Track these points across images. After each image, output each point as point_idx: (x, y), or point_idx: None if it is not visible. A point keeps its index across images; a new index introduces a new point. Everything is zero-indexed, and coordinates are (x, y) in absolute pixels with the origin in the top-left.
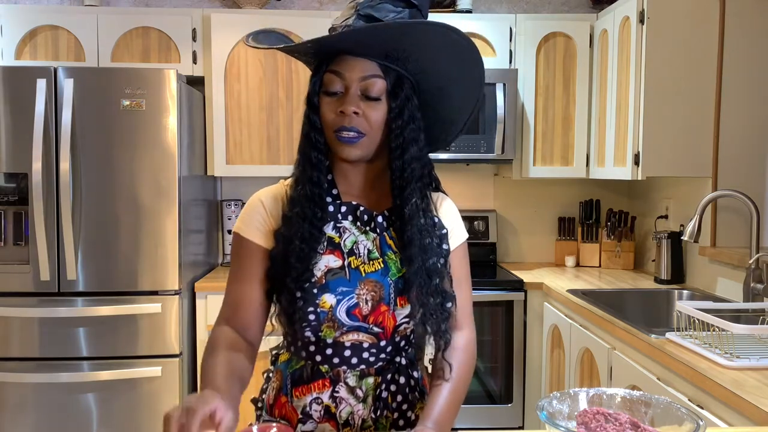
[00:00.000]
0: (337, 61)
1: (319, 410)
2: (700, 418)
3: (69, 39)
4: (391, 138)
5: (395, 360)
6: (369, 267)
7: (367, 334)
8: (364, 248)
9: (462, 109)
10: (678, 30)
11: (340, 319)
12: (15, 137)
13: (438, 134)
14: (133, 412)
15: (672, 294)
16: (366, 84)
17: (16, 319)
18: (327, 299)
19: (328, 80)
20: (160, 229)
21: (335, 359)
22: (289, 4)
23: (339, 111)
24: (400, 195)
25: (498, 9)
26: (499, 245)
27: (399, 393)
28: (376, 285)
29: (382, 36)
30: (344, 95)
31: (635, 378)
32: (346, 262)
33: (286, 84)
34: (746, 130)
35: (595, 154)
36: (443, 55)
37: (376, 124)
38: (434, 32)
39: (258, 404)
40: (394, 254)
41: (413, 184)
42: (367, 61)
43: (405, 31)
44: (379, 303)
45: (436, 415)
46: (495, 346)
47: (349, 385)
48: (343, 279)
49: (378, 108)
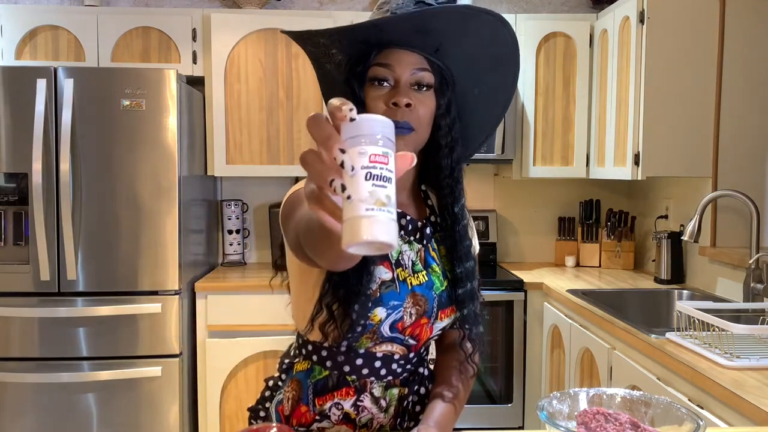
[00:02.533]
0: (384, 54)
1: (338, 414)
2: (700, 418)
3: (69, 39)
4: (440, 135)
5: (419, 371)
6: (415, 280)
7: (400, 346)
8: (408, 259)
9: (486, 119)
10: (678, 30)
11: (382, 332)
12: (15, 137)
13: (463, 144)
14: (133, 412)
15: (672, 294)
16: (417, 77)
17: (16, 319)
18: (378, 313)
19: (375, 73)
20: (160, 229)
21: (364, 370)
22: (289, 4)
23: (392, 102)
24: (450, 194)
25: (498, 9)
26: (499, 245)
27: (419, 403)
28: (422, 299)
29: (443, 23)
30: (394, 88)
31: (635, 378)
32: (395, 274)
33: (286, 84)
34: (746, 130)
35: (595, 154)
36: (486, 55)
37: (425, 119)
38: (490, 24)
39: (259, 413)
40: (437, 267)
41: (461, 183)
42: (416, 55)
43: (468, 19)
44: (421, 316)
45: (438, 415)
46: (495, 346)
47: (375, 395)
48: (395, 292)
49: (428, 102)
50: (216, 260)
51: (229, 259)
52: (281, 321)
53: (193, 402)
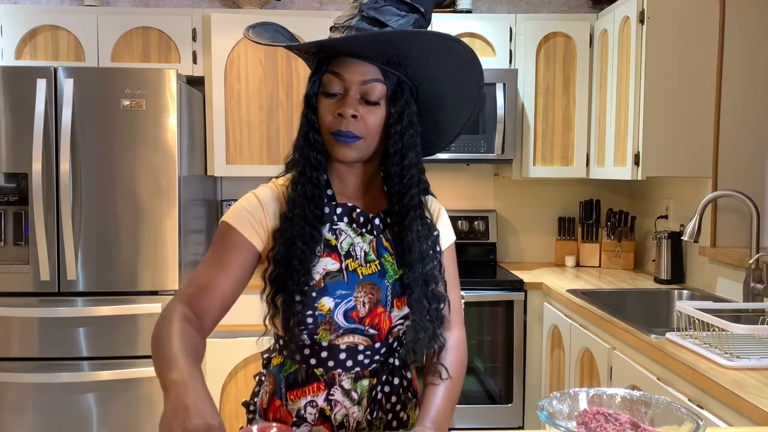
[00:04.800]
0: (338, 62)
1: (313, 413)
2: (700, 418)
3: (69, 39)
4: (390, 144)
5: (389, 361)
6: (366, 269)
7: (362, 336)
8: (360, 250)
9: (458, 115)
10: (678, 30)
11: (337, 322)
12: (15, 137)
13: (433, 139)
14: (133, 412)
15: (672, 294)
16: (366, 88)
17: (16, 319)
18: (326, 302)
19: (327, 81)
20: (160, 229)
21: (330, 362)
22: (289, 4)
23: (337, 113)
24: (399, 201)
25: (498, 9)
26: (499, 245)
27: (393, 394)
28: (374, 287)
29: (384, 42)
30: (343, 97)
31: (635, 378)
32: (344, 264)
33: (286, 84)
34: (746, 130)
35: (595, 154)
36: (443, 63)
37: (373, 128)
38: (435, 41)
39: (250, 407)
40: (390, 256)
41: (412, 190)
42: (368, 65)
43: (407, 39)
44: (376, 305)
45: (433, 414)
46: (495, 346)
47: (344, 387)
48: (342, 282)
49: (376, 112)
50: None
51: None
52: None
53: None
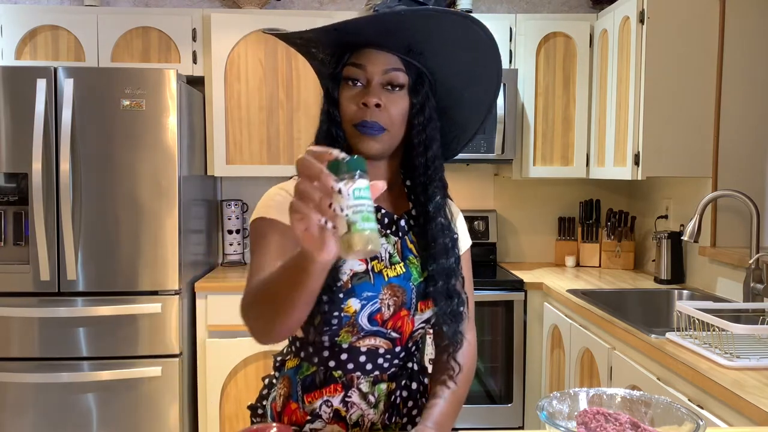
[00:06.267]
0: (358, 55)
1: (328, 412)
2: (700, 418)
3: (69, 39)
4: (414, 134)
5: (407, 365)
6: (391, 271)
7: (383, 339)
8: (385, 252)
9: (473, 114)
10: (678, 30)
11: (361, 324)
12: (15, 137)
13: (449, 141)
14: (133, 412)
15: (672, 294)
16: (389, 76)
17: (16, 319)
18: (352, 304)
19: (349, 73)
20: (160, 229)
21: (350, 365)
22: (289, 4)
23: (361, 103)
24: (424, 192)
25: (498, 9)
26: (499, 245)
27: (410, 399)
28: (399, 289)
29: (408, 24)
30: (366, 87)
31: (635, 378)
32: (370, 266)
33: (286, 84)
34: (746, 130)
35: (595, 154)
36: (462, 50)
37: (398, 119)
38: (459, 24)
39: (258, 411)
40: (415, 258)
41: (436, 182)
42: (389, 55)
43: (432, 20)
44: (400, 308)
45: (436, 415)
46: (495, 346)
47: (362, 390)
48: (368, 283)
49: (400, 102)
50: (216, 260)
51: (229, 259)
52: None
53: (193, 402)
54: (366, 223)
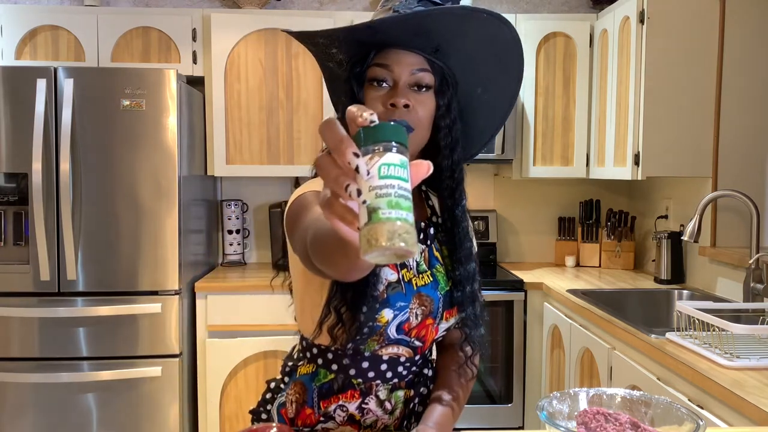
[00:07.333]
0: (383, 55)
1: (343, 416)
2: (700, 418)
3: (69, 39)
4: (440, 137)
5: (423, 372)
6: (420, 280)
7: (406, 348)
8: (413, 260)
9: (490, 120)
10: (678, 30)
11: (389, 333)
12: (15, 137)
13: (465, 146)
14: (133, 412)
15: (672, 294)
16: (417, 77)
17: (16, 319)
18: (385, 314)
19: (375, 74)
20: (160, 229)
21: (370, 373)
22: (289, 4)
23: (389, 104)
24: (450, 196)
25: (498, 9)
26: (499, 245)
27: (422, 404)
28: (428, 299)
29: (440, 24)
30: (393, 89)
31: (635, 378)
32: (400, 275)
33: (286, 84)
34: (746, 130)
35: (595, 154)
36: (487, 50)
37: (425, 120)
38: (489, 24)
39: (261, 416)
40: (441, 266)
41: (462, 185)
42: (415, 55)
43: (465, 21)
44: (426, 317)
45: (437, 416)
46: (495, 346)
47: (380, 398)
48: (401, 293)
49: (427, 103)
50: (216, 260)
51: (229, 259)
52: (281, 321)
53: (193, 402)
54: (393, 211)
